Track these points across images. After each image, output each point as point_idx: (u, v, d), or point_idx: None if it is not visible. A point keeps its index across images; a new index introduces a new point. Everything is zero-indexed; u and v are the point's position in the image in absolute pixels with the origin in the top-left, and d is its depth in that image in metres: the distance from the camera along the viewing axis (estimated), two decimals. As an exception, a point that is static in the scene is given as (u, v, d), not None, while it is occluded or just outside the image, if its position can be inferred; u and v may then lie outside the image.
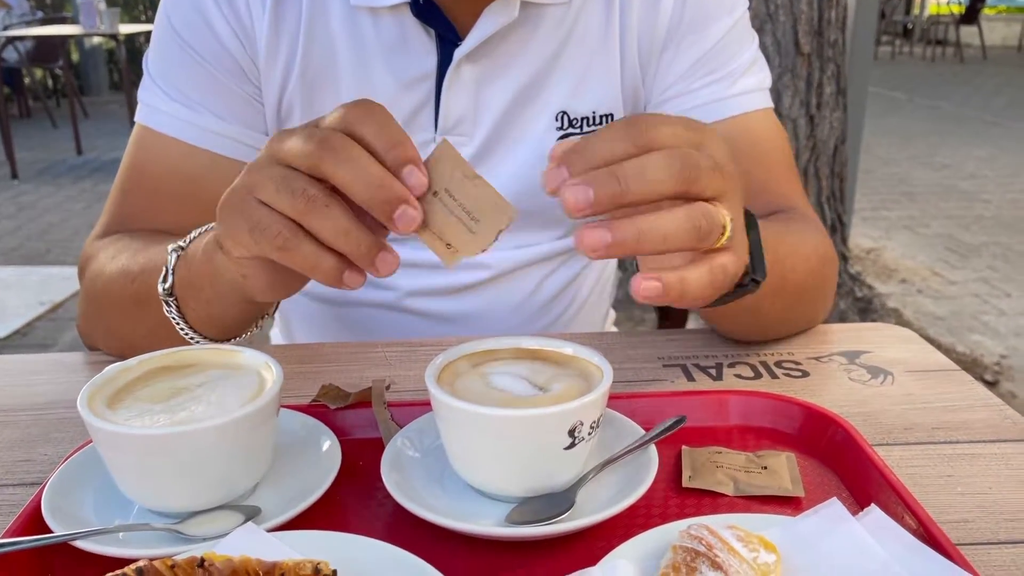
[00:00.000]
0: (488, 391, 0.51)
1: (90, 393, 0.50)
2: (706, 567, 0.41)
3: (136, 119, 0.80)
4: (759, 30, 2.27)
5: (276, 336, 1.07)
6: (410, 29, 0.78)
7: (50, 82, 7.87)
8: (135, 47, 8.27)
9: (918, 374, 0.71)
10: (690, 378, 0.71)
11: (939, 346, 2.73)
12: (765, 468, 0.56)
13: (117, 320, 0.73)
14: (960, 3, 10.97)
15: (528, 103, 0.82)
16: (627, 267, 2.84)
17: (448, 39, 0.78)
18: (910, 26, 12.13)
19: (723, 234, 0.48)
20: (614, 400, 0.59)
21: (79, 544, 0.46)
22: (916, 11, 12.31)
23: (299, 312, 0.98)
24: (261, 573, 0.41)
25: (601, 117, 0.84)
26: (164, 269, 0.64)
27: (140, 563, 0.41)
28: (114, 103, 7.99)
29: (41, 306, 3.17)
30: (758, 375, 0.71)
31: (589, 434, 0.50)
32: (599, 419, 0.50)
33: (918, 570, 0.43)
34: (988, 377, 2.52)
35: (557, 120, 0.83)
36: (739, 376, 0.71)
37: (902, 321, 2.87)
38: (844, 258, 2.75)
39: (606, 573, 0.43)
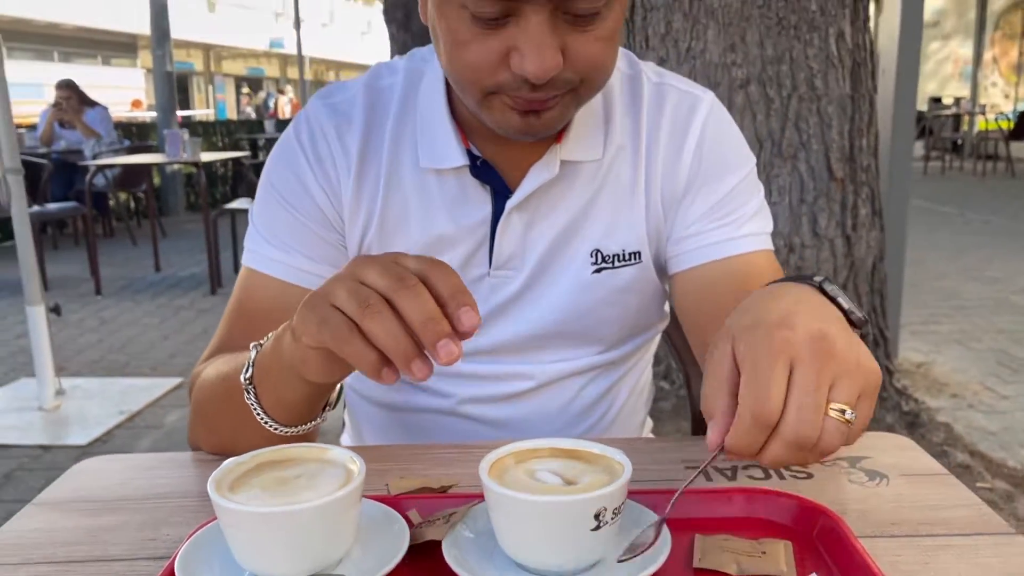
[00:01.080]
0: (529, 482, 0.63)
1: (216, 480, 0.64)
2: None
3: (242, 262, 0.97)
4: (793, 157, 2.44)
5: (346, 439, 1.21)
6: (469, 185, 0.94)
7: (132, 204, 8.43)
8: (211, 172, 8.85)
9: (911, 477, 0.81)
10: (708, 478, 0.81)
11: (990, 462, 2.73)
12: (764, 553, 0.66)
13: (213, 418, 0.87)
14: (1008, 119, 11.10)
15: (567, 243, 0.97)
16: (673, 379, 2.93)
17: (500, 192, 0.94)
18: (959, 142, 12.26)
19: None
20: (637, 494, 0.71)
21: (206, 600, 0.59)
22: (965, 127, 12.46)
23: (366, 417, 1.11)
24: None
25: (629, 254, 0.98)
26: (246, 363, 0.79)
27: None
28: (190, 223, 8.50)
29: (120, 415, 3.38)
30: (768, 476, 0.81)
31: (612, 518, 0.61)
32: (621, 506, 0.62)
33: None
34: (1042, 492, 2.51)
35: (592, 256, 0.98)
36: (751, 477, 0.81)
37: (952, 436, 2.88)
38: (889, 372, 2.80)
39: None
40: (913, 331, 4.21)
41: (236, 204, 5.64)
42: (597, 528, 0.60)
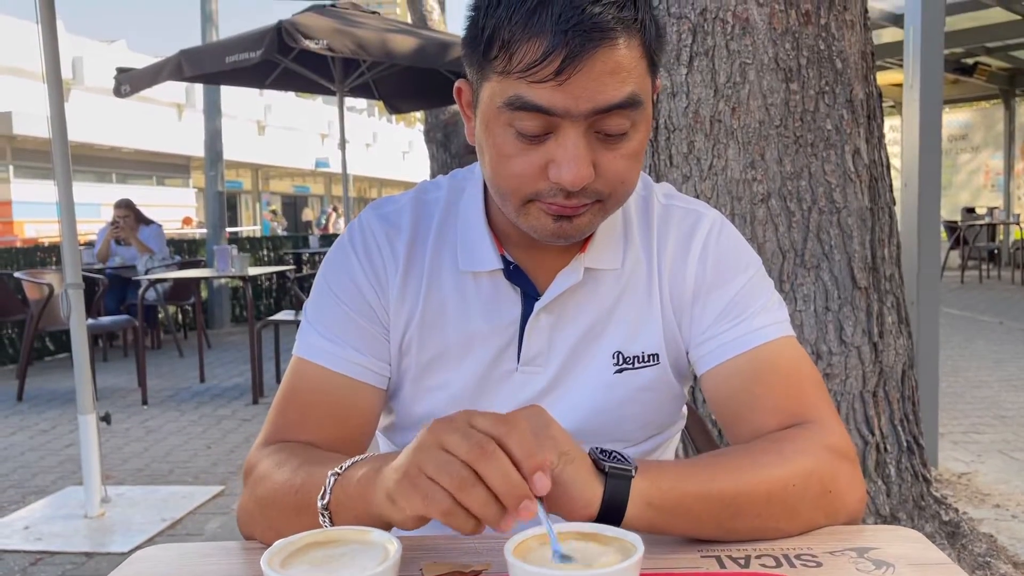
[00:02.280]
0: (549, 560, 0.70)
1: (269, 558, 0.71)
2: None
3: (294, 353, 1.07)
4: (816, 267, 2.52)
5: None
6: (502, 287, 1.04)
7: (180, 317, 8.71)
8: (256, 285, 9.14)
9: (918, 567, 0.85)
10: (722, 566, 0.86)
11: (1038, 574, 2.66)
12: (769, 631, 0.71)
13: (278, 520, 0.94)
14: (1044, 228, 11.10)
15: (591, 344, 1.06)
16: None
17: (530, 295, 1.04)
18: (996, 251, 12.24)
19: None
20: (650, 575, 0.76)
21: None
22: (1001, 236, 12.46)
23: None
24: None
25: (648, 356, 1.06)
26: (323, 488, 0.87)
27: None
28: (234, 335, 8.73)
29: (163, 522, 3.44)
30: (779, 564, 0.86)
31: (625, 593, 0.67)
32: (633, 582, 0.68)
33: None
34: (1092, 607, 2.44)
35: (613, 358, 1.06)
36: (763, 565, 0.86)
37: (996, 547, 2.82)
38: (926, 481, 2.77)
39: None
40: (954, 440, 4.15)
41: (280, 316, 5.83)
42: (611, 602, 0.66)
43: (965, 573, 0.85)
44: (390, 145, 35.61)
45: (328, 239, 10.74)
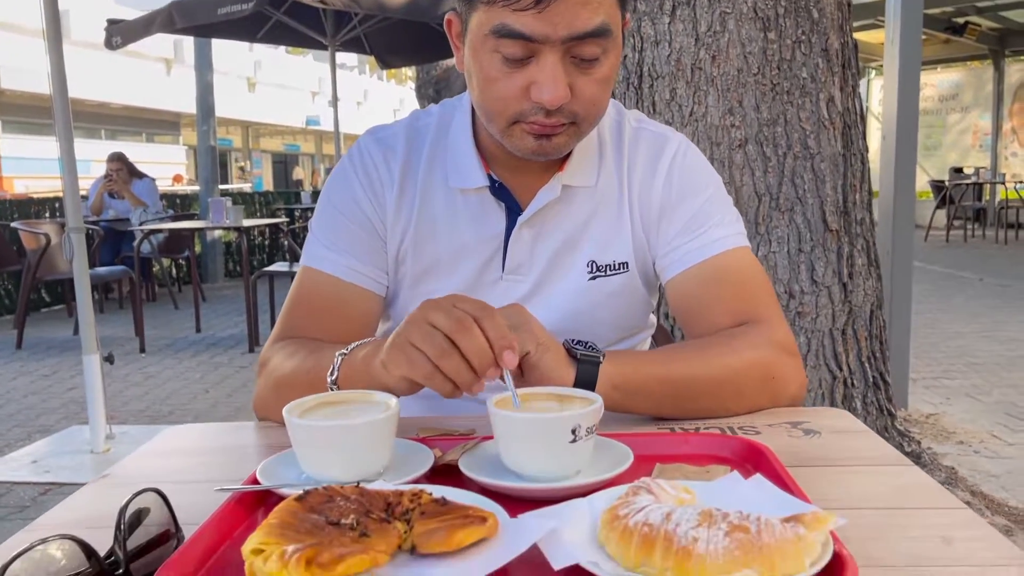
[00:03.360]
0: (525, 410, 0.84)
1: (289, 408, 0.85)
2: (644, 492, 0.71)
3: (301, 263, 1.19)
4: (790, 210, 2.64)
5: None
6: (488, 203, 1.16)
7: (174, 271, 8.80)
8: (250, 240, 9.22)
9: (841, 433, 0.99)
10: (673, 431, 1.00)
11: (991, 501, 2.84)
12: (708, 472, 0.85)
13: (292, 399, 1.08)
14: (1029, 188, 11.25)
15: (567, 254, 1.19)
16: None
17: (513, 210, 1.17)
18: (982, 211, 12.40)
19: None
20: (615, 436, 0.90)
21: (280, 491, 0.79)
22: (987, 196, 12.61)
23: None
24: (391, 492, 0.73)
25: (618, 264, 1.19)
26: (332, 366, 1.00)
27: (320, 487, 0.73)
28: (228, 289, 8.84)
29: (165, 456, 3.59)
30: (723, 432, 1.00)
31: (586, 435, 0.81)
32: (593, 426, 0.82)
33: (777, 502, 0.72)
34: (1040, 528, 2.62)
35: (588, 266, 1.19)
36: (708, 430, 1.00)
37: (956, 478, 3.00)
38: (891, 415, 2.94)
39: (589, 502, 0.73)
40: (926, 385, 4.33)
41: (275, 267, 5.94)
42: (574, 441, 0.80)
43: (881, 439, 0.99)
44: (381, 103, 35.38)
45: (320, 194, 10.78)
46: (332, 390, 0.99)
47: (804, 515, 0.65)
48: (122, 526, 0.68)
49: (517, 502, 0.78)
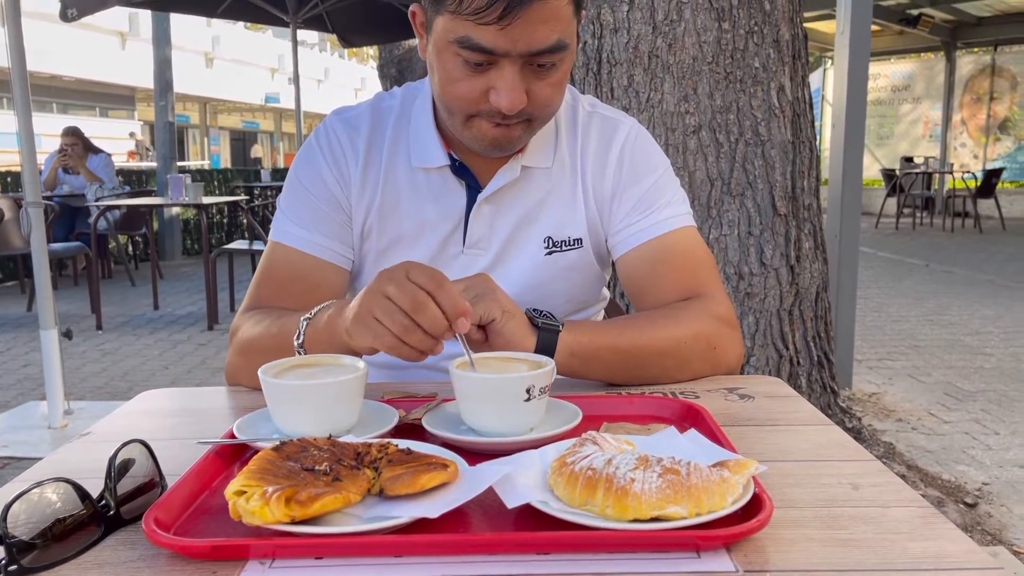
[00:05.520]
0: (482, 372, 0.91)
1: (263, 370, 0.91)
2: (590, 444, 0.79)
3: (270, 237, 1.25)
4: (740, 195, 2.75)
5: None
6: (449, 181, 1.23)
7: (130, 248, 8.70)
8: (209, 217, 9.14)
9: (773, 399, 1.09)
10: (620, 393, 1.09)
11: (925, 474, 2.99)
12: (649, 429, 0.94)
13: (261, 363, 1.14)
14: (975, 178, 11.58)
15: (525, 230, 1.26)
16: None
17: (473, 187, 1.24)
18: (930, 200, 12.74)
19: None
20: (567, 398, 0.98)
21: (256, 444, 0.86)
22: (936, 186, 12.96)
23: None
24: (360, 444, 0.80)
25: (573, 240, 1.27)
26: (298, 330, 1.06)
27: (293, 439, 0.80)
28: (186, 266, 8.77)
29: (125, 431, 3.60)
30: (664, 396, 1.09)
31: (540, 394, 0.88)
32: (547, 387, 0.89)
33: (707, 452, 0.80)
34: (968, 500, 2.77)
35: (545, 242, 1.27)
36: (652, 395, 1.09)
37: (893, 452, 3.15)
38: (834, 392, 3.07)
39: (540, 453, 0.81)
40: (870, 366, 4.50)
41: (234, 245, 5.93)
42: (528, 400, 0.88)
43: (808, 404, 1.08)
44: (342, 82, 35.00)
45: (281, 173, 10.72)
46: (299, 354, 1.05)
47: (729, 461, 0.74)
48: (112, 472, 0.74)
49: (475, 454, 0.85)
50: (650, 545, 0.67)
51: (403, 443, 0.82)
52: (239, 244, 6.00)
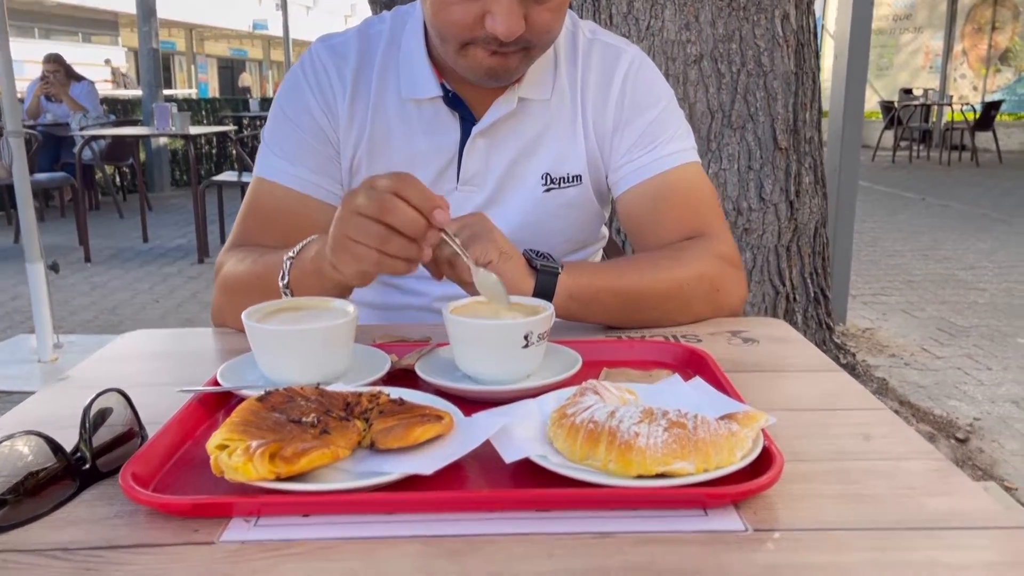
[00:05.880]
0: (479, 317, 0.87)
1: (248, 313, 0.87)
2: (590, 393, 0.75)
3: (255, 172, 1.19)
4: (741, 128, 2.67)
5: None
6: (442, 113, 1.17)
7: (117, 179, 8.56)
8: (197, 148, 8.98)
9: (778, 342, 1.05)
10: (619, 337, 1.05)
11: (917, 410, 3.00)
12: (651, 375, 0.90)
13: (246, 305, 1.09)
14: (974, 111, 11.43)
15: (522, 166, 1.20)
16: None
17: (468, 120, 1.17)
18: (928, 132, 12.60)
19: None
20: (566, 343, 0.94)
21: (241, 392, 0.82)
22: (934, 118, 12.80)
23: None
24: (349, 393, 0.76)
25: (572, 176, 1.22)
26: (282, 270, 1.01)
27: (281, 388, 0.76)
28: (175, 198, 8.65)
29: (116, 366, 3.57)
30: (666, 340, 1.05)
31: (538, 341, 0.84)
32: (545, 333, 0.85)
33: (714, 403, 0.77)
34: (959, 435, 2.78)
35: (542, 179, 1.21)
36: (654, 339, 1.05)
37: (886, 388, 3.15)
38: (829, 328, 3.05)
39: (538, 402, 0.78)
40: (864, 302, 4.49)
41: (223, 176, 5.82)
42: (526, 347, 0.84)
43: (815, 348, 1.05)
44: (332, 8, 34.12)
45: (269, 102, 10.49)
46: (285, 294, 1.00)
47: (737, 413, 0.70)
48: (87, 423, 0.70)
49: (471, 403, 0.81)
50: (655, 503, 0.64)
51: (395, 391, 0.78)
52: (228, 176, 5.90)
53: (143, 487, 0.65)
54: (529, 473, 0.67)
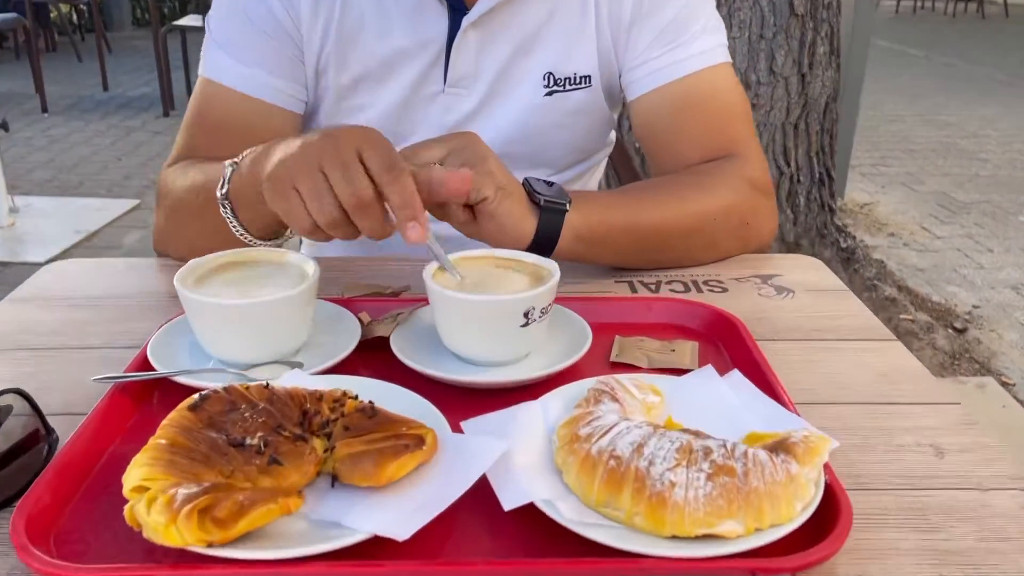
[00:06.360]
0: (469, 284, 0.71)
1: (182, 276, 0.70)
2: (608, 400, 0.61)
3: (200, 73, 0.98)
4: (756, -8, 2.41)
5: (304, 250, 1.26)
6: (426, 0, 0.95)
7: (74, 18, 7.99)
8: (158, -16, 8.34)
9: (815, 292, 0.90)
10: (633, 290, 0.89)
11: (916, 296, 2.91)
12: (673, 351, 0.75)
13: (186, 226, 0.92)
14: (985, -42, 10.83)
15: (521, 64, 1.00)
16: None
17: (457, 9, 0.96)
18: (934, -20, 11.98)
19: None
20: (570, 301, 0.79)
21: (176, 379, 0.67)
22: (941, -35, 12.14)
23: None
24: (307, 393, 0.61)
25: (580, 78, 1.02)
26: (222, 179, 0.82)
27: (225, 385, 0.61)
28: (137, 39, 8.12)
29: (77, 235, 3.39)
30: (688, 289, 0.90)
31: (540, 317, 0.69)
32: (549, 306, 0.70)
33: (757, 408, 0.63)
34: (958, 325, 2.70)
35: (544, 79, 1.01)
36: (672, 290, 0.90)
37: (884, 271, 3.05)
38: (831, 211, 2.91)
39: (543, 406, 0.63)
40: (863, 172, 4.32)
41: (186, 21, 5.40)
42: (526, 325, 0.68)
43: (856, 297, 0.90)
44: None
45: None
46: (224, 208, 0.81)
47: (796, 444, 0.56)
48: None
49: (456, 392, 0.67)
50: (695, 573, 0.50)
51: (365, 387, 0.63)
52: (192, 19, 5.46)
53: (42, 538, 0.51)
54: (533, 523, 0.53)
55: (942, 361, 2.47)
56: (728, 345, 0.76)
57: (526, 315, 0.68)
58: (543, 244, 0.83)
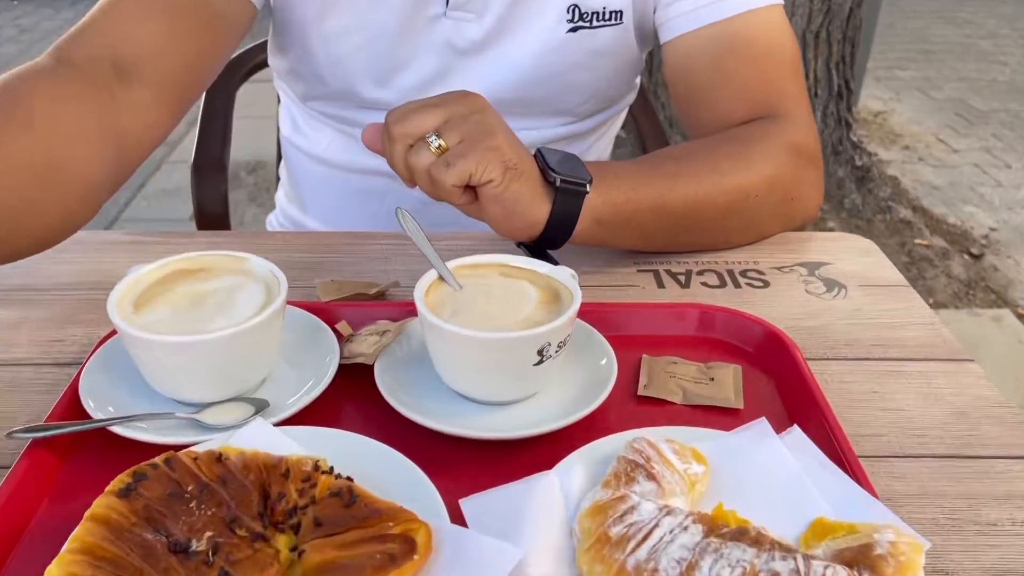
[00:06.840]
0: (471, 309, 0.58)
1: (117, 297, 0.57)
2: (643, 478, 0.49)
3: None
4: None
5: (281, 196, 1.12)
6: None
7: None
8: None
9: (869, 288, 0.78)
10: (660, 284, 0.77)
11: (932, 217, 2.78)
12: (712, 380, 0.63)
13: None
14: None
15: None
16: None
17: None
18: None
19: None
20: (586, 309, 0.66)
21: (112, 429, 0.54)
22: None
23: (306, 174, 1.03)
24: (269, 466, 0.49)
25: (610, 13, 0.86)
26: None
27: (167, 455, 0.49)
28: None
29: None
30: (723, 283, 0.77)
31: (556, 351, 0.56)
32: (566, 338, 0.57)
33: (824, 483, 0.51)
34: (974, 250, 2.59)
35: (568, 12, 0.85)
36: (705, 284, 0.77)
37: (899, 190, 2.91)
38: (848, 125, 2.74)
39: (561, 475, 0.52)
40: (877, 77, 4.11)
41: None
42: (540, 363, 0.56)
43: (916, 294, 0.78)
44: None
45: None
46: None
47: (883, 558, 0.44)
48: None
49: (453, 442, 0.56)
50: None
51: (344, 456, 0.51)
52: None
53: None
54: (553, 663, 0.42)
55: (956, 291, 2.37)
56: (776, 371, 0.64)
57: (540, 352, 0.55)
58: (557, 231, 0.70)
